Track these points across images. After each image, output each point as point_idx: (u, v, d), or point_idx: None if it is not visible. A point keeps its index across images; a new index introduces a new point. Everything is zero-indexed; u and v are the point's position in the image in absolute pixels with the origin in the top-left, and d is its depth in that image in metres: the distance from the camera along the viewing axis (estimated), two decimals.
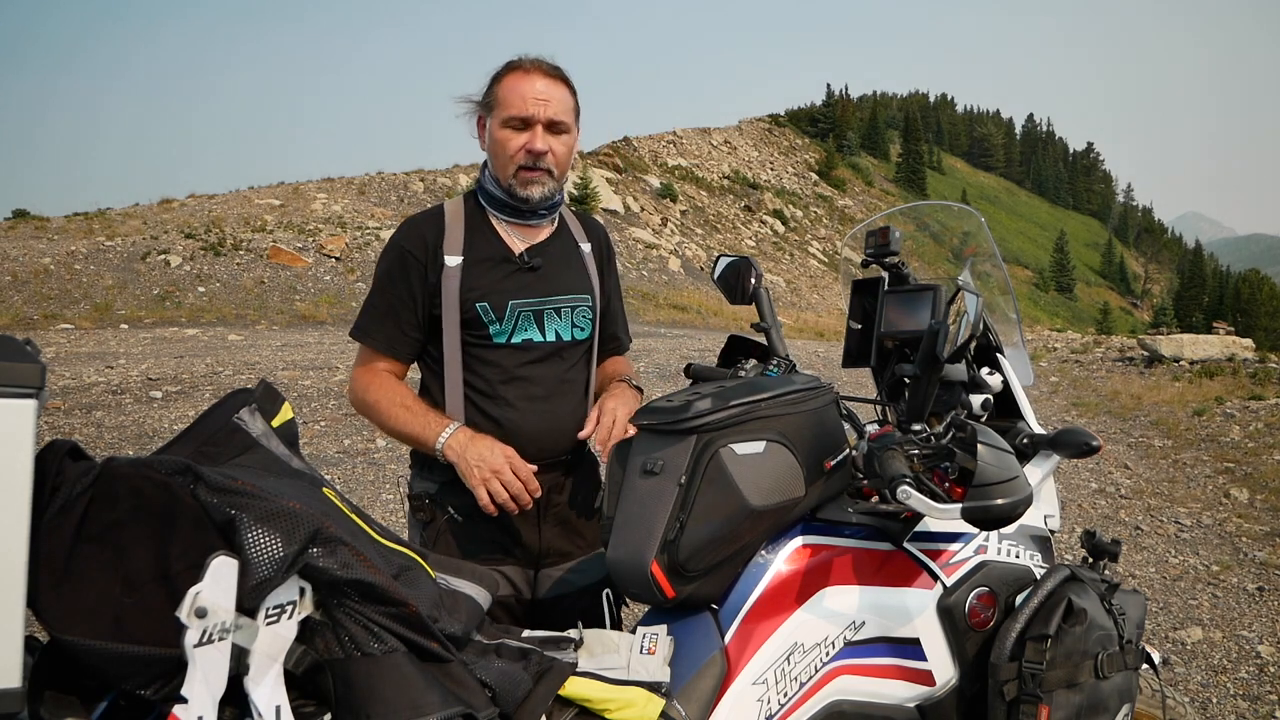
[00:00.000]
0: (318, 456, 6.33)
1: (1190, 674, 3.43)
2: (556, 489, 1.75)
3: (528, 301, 1.71)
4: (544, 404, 1.72)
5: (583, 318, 1.79)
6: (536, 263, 1.73)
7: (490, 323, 1.68)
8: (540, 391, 1.72)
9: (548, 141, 1.67)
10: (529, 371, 1.71)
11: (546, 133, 1.67)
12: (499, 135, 1.68)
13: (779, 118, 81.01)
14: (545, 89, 1.67)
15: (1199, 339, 12.73)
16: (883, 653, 1.36)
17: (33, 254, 16.47)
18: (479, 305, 1.67)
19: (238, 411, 1.10)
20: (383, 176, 30.19)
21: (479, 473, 1.57)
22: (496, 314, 1.68)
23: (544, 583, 1.78)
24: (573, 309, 1.77)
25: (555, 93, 1.68)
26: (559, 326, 1.74)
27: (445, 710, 0.97)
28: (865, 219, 2.23)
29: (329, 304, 17.05)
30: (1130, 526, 5.35)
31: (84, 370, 9.07)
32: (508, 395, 1.70)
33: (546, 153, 1.67)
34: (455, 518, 1.70)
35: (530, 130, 1.67)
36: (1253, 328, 46.32)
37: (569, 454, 1.77)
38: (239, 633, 0.89)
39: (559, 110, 1.68)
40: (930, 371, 1.51)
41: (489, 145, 1.73)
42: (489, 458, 1.58)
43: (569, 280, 1.78)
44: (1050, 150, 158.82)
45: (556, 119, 1.68)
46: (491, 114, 1.70)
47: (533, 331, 1.72)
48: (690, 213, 41.52)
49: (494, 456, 1.58)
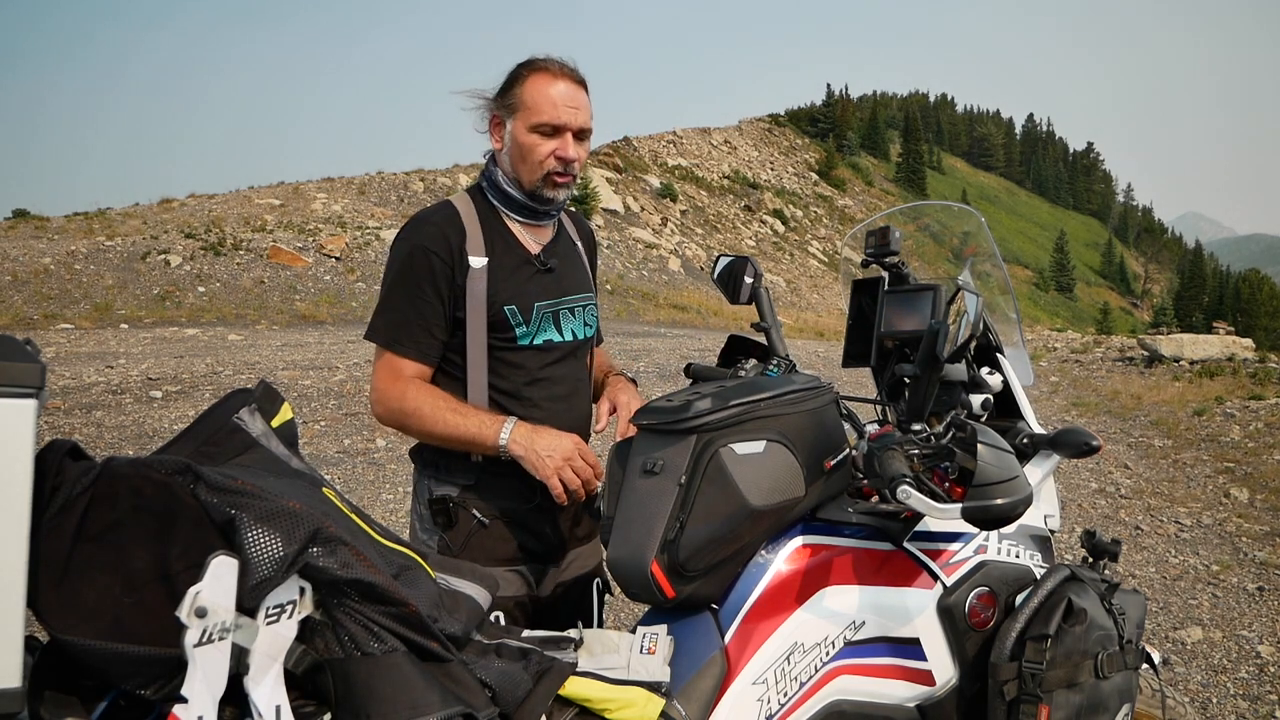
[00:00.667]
0: (318, 456, 6.32)
1: (1190, 674, 3.43)
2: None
3: (548, 302, 1.73)
4: (565, 403, 1.76)
5: (591, 315, 1.83)
6: (553, 264, 1.75)
7: (518, 325, 1.68)
8: (561, 390, 1.75)
9: (578, 149, 1.67)
10: (550, 371, 1.74)
11: (575, 140, 1.67)
12: (526, 140, 1.65)
13: (779, 118, 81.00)
14: (574, 95, 1.66)
15: (1199, 339, 12.73)
16: (883, 653, 1.36)
17: (33, 254, 16.47)
18: (507, 308, 1.66)
19: (238, 411, 1.10)
20: (383, 176, 30.18)
21: (551, 462, 1.57)
22: (524, 316, 1.68)
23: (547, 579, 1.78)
24: (583, 308, 1.81)
25: (582, 99, 1.68)
26: (574, 326, 1.78)
27: (445, 710, 0.97)
28: (865, 219, 2.23)
29: (329, 304, 17.05)
30: (1130, 526, 5.35)
31: (84, 370, 9.07)
32: (533, 396, 1.71)
33: (576, 159, 1.67)
34: (482, 521, 1.67)
35: (561, 137, 1.65)
36: (1253, 328, 46.33)
37: None
38: (239, 632, 0.89)
39: (587, 118, 1.68)
40: (930, 371, 1.51)
41: (511, 148, 1.68)
42: (560, 446, 1.59)
43: (578, 280, 1.82)
44: (1050, 150, 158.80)
45: (586, 126, 1.68)
46: (514, 116, 1.66)
47: (552, 332, 1.74)
48: (690, 213, 41.52)
49: (564, 444, 1.59)
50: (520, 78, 1.67)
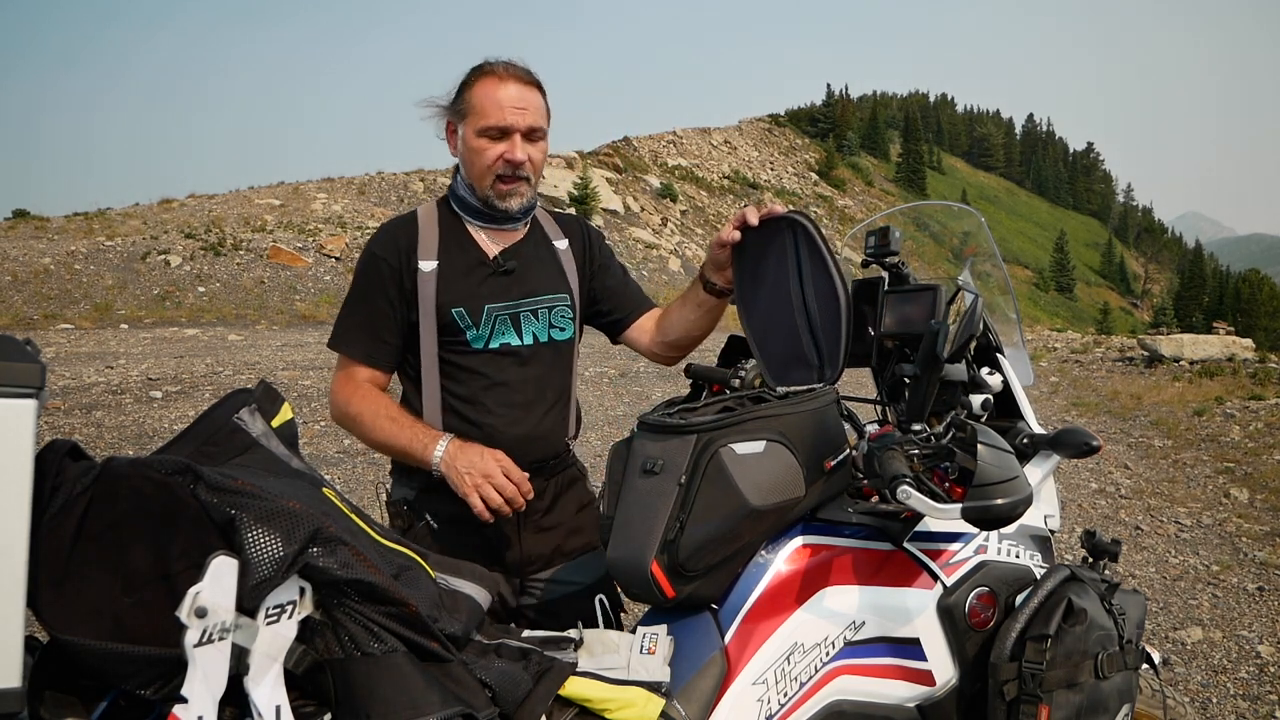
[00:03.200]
0: (318, 456, 6.33)
1: (1190, 674, 3.43)
2: (536, 495, 1.69)
3: (503, 305, 1.69)
4: (524, 409, 1.70)
5: (561, 317, 1.76)
6: (510, 265, 1.71)
7: (467, 328, 1.66)
8: (520, 397, 1.70)
9: (526, 150, 1.65)
10: (508, 376, 1.69)
11: (524, 141, 1.65)
12: (475, 144, 1.64)
13: (779, 118, 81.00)
14: (521, 96, 1.64)
15: (1199, 339, 12.72)
16: (883, 653, 1.36)
17: (33, 254, 16.47)
18: (455, 311, 1.65)
19: (238, 411, 1.10)
20: (383, 176, 30.19)
21: (470, 479, 1.54)
22: (473, 319, 1.66)
23: (531, 591, 1.75)
24: (550, 309, 1.74)
25: (531, 99, 1.66)
26: (536, 329, 1.72)
27: (445, 710, 0.97)
28: (865, 219, 2.23)
29: (329, 304, 17.05)
30: (1130, 526, 5.35)
31: (84, 370, 9.07)
32: (487, 401, 1.67)
33: (525, 162, 1.65)
34: (431, 524, 1.67)
35: (508, 140, 1.64)
36: (1253, 328, 46.29)
37: (550, 460, 1.76)
38: (239, 632, 0.89)
39: (536, 118, 1.66)
40: (930, 371, 1.51)
41: (462, 153, 1.69)
42: (479, 463, 1.55)
43: (543, 280, 1.75)
44: (1050, 150, 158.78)
45: (534, 126, 1.66)
46: (464, 121, 1.66)
47: (510, 335, 1.70)
48: (690, 213, 41.52)
49: (484, 462, 1.55)
50: (469, 83, 1.66)
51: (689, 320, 1.76)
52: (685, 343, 1.79)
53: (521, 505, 1.58)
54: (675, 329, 1.79)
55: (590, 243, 1.89)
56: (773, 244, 1.58)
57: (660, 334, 1.82)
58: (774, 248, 1.58)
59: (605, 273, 1.88)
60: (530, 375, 1.72)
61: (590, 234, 1.91)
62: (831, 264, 1.49)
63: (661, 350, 1.82)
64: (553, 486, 1.77)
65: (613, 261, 1.92)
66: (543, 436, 1.72)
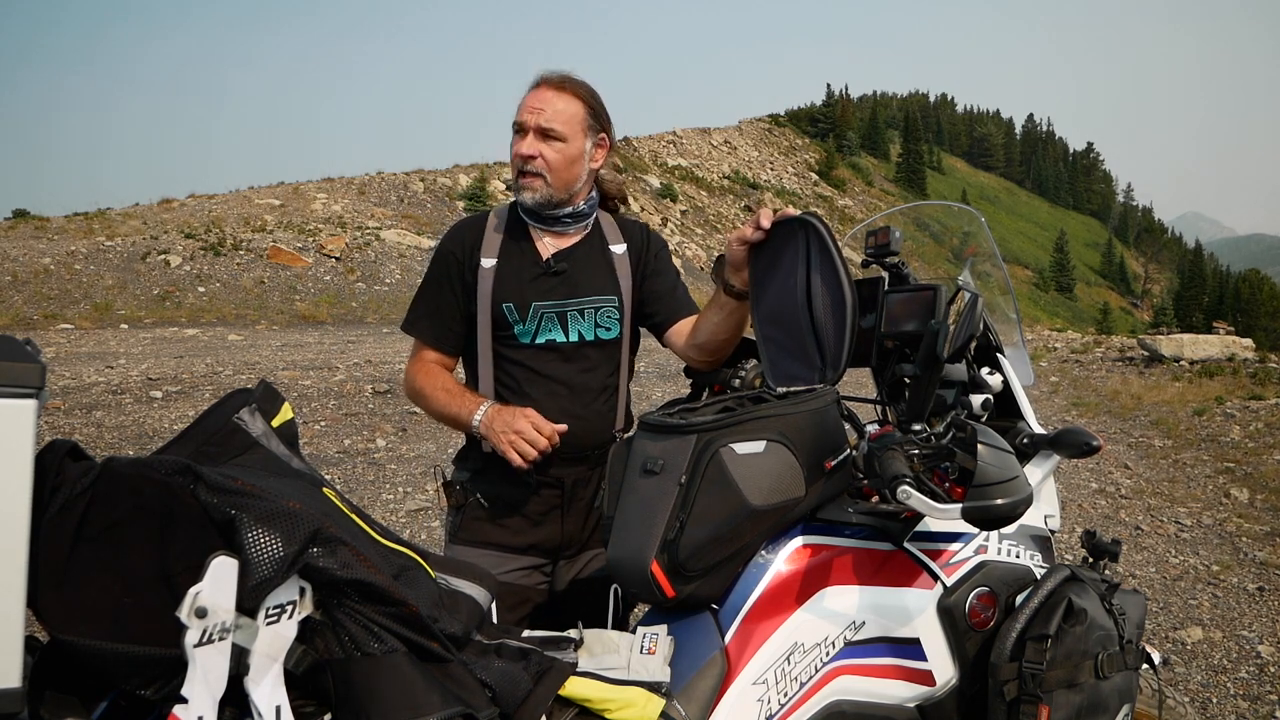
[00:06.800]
0: (318, 456, 6.33)
1: (1190, 674, 3.43)
2: (581, 483, 1.83)
3: (550, 304, 1.80)
4: (567, 401, 1.80)
5: (608, 317, 1.84)
6: (561, 267, 1.82)
7: (515, 322, 1.78)
8: (563, 390, 1.80)
9: (535, 146, 1.74)
10: (553, 370, 1.80)
11: (536, 138, 1.74)
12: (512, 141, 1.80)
13: (779, 118, 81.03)
14: (540, 96, 1.76)
15: (1199, 339, 12.72)
16: (883, 653, 1.36)
17: (33, 254, 16.47)
18: (504, 305, 1.77)
19: (238, 411, 1.10)
20: (383, 176, 30.19)
21: (504, 436, 1.68)
22: (520, 315, 1.78)
23: (561, 574, 1.86)
24: (596, 310, 1.83)
25: (555, 102, 1.75)
26: (582, 327, 1.82)
27: (445, 710, 0.97)
28: (865, 219, 2.23)
29: (329, 304, 17.06)
30: (1130, 526, 5.35)
31: (84, 370, 9.07)
32: (533, 392, 1.79)
33: (535, 157, 1.75)
34: (482, 503, 1.81)
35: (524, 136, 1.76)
36: (1253, 328, 46.27)
37: (594, 449, 1.84)
38: (239, 633, 0.89)
39: (551, 118, 1.75)
40: (930, 371, 1.51)
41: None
42: (511, 421, 1.69)
43: (593, 282, 1.84)
44: (1050, 150, 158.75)
45: (546, 126, 1.74)
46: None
47: (556, 332, 1.80)
48: (690, 213, 41.52)
49: (516, 420, 1.69)
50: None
51: (714, 323, 1.80)
52: (714, 346, 1.83)
53: (547, 446, 1.70)
54: (703, 332, 1.83)
55: (647, 248, 1.95)
56: (787, 245, 1.60)
57: (693, 337, 1.87)
58: (788, 249, 1.59)
59: (656, 278, 1.94)
60: (574, 370, 1.82)
61: (650, 240, 1.97)
62: (840, 266, 1.50)
63: (695, 354, 1.86)
64: (597, 475, 1.85)
65: (667, 267, 1.98)
66: (586, 428, 1.81)
